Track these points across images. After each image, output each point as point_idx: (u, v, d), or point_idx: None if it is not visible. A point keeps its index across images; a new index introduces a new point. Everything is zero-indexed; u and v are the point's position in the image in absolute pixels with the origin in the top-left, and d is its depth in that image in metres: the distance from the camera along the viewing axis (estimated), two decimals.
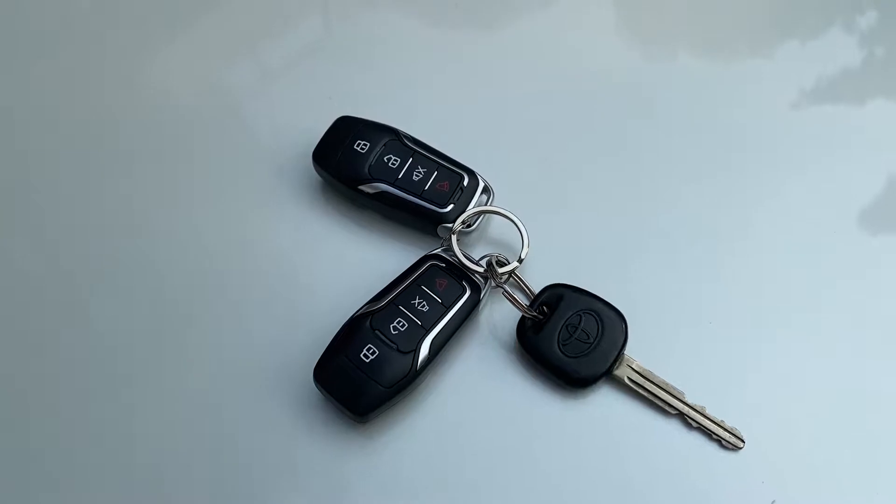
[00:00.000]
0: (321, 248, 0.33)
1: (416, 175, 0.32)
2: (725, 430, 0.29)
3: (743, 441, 0.29)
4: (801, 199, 0.34)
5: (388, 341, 0.29)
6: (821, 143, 0.35)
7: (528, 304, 0.30)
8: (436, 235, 0.32)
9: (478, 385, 0.30)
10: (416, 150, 0.32)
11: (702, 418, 0.29)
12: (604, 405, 0.30)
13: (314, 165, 0.33)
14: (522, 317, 0.30)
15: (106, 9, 0.38)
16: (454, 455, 0.29)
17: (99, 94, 0.36)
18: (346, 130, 0.33)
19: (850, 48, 0.38)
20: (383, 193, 0.32)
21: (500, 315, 0.31)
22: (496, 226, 0.33)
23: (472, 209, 0.31)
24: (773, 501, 0.28)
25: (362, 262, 0.32)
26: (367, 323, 0.29)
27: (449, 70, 0.37)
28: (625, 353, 0.29)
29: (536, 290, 0.30)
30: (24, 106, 0.36)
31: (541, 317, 0.30)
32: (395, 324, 0.29)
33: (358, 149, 0.32)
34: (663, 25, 0.38)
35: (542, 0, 0.39)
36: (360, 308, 0.29)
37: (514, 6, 0.39)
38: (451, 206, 0.31)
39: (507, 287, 0.30)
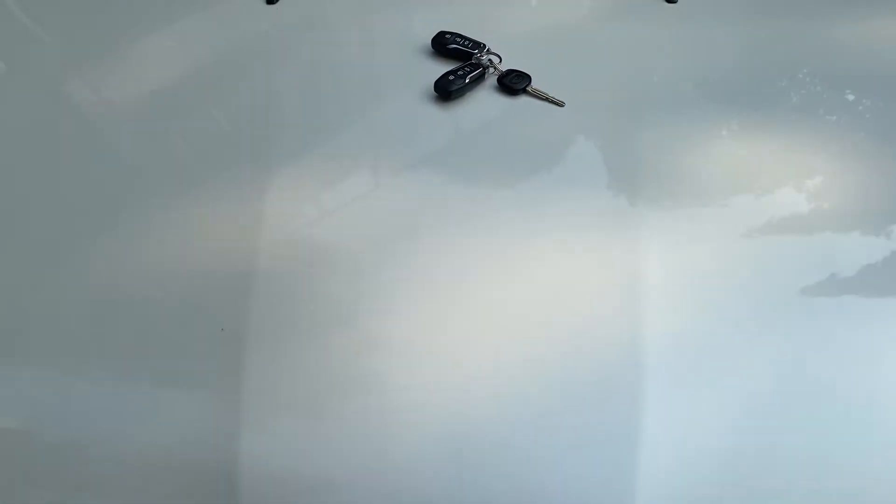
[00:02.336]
0: (434, 68, 0.98)
1: (465, 43, 0.99)
2: (558, 99, 0.93)
3: (564, 103, 0.93)
4: None
5: (456, 77, 0.94)
6: None
7: (502, 72, 0.96)
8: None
9: (483, 97, 0.95)
10: (465, 37, 0.99)
11: (555, 97, 0.93)
12: (524, 99, 0.94)
13: (431, 44, 1.00)
14: (500, 75, 0.95)
15: None
16: (474, 119, 0.93)
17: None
18: (442, 33, 1.00)
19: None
20: (455, 48, 0.99)
21: (489, 83, 0.96)
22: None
23: (484, 53, 0.98)
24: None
25: (447, 68, 0.98)
26: (450, 73, 0.94)
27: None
28: (531, 83, 0.94)
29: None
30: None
31: (505, 75, 0.95)
32: (458, 73, 0.94)
33: (447, 36, 1.00)
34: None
35: None
36: (448, 71, 0.95)
37: None
38: (477, 51, 0.98)
39: (494, 67, 0.96)
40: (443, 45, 0.99)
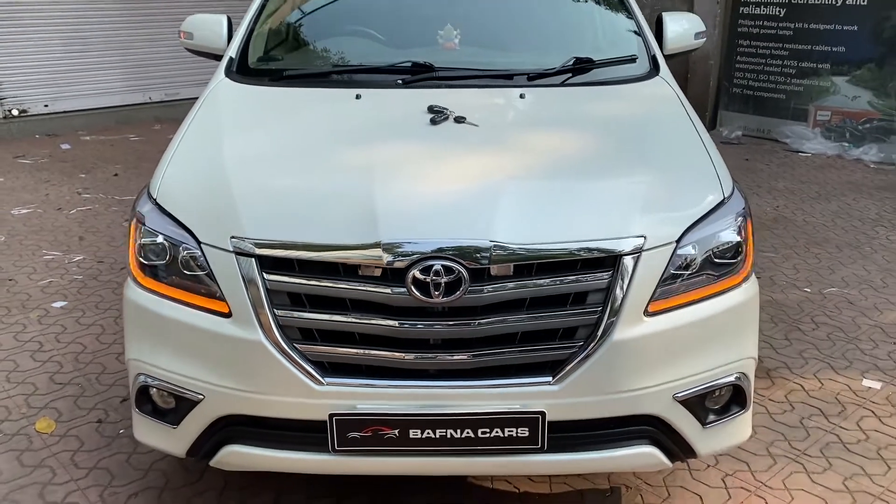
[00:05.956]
0: (426, 117, 2.48)
1: (439, 108, 2.50)
2: (475, 123, 2.42)
3: (479, 125, 2.42)
4: None
5: (436, 117, 2.44)
6: None
7: (456, 116, 2.46)
8: None
9: (447, 126, 2.44)
10: (441, 106, 2.51)
11: (474, 123, 2.42)
12: (464, 125, 2.42)
13: (427, 109, 2.50)
14: (454, 117, 2.46)
15: None
16: (443, 132, 2.42)
17: None
18: (430, 106, 2.52)
19: None
20: (437, 109, 2.50)
21: (450, 120, 2.46)
22: None
23: (447, 111, 2.49)
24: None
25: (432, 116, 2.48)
26: (434, 117, 2.44)
27: None
28: (466, 119, 2.44)
29: None
30: None
31: (457, 117, 2.46)
32: (437, 117, 2.44)
33: (431, 106, 2.51)
34: None
35: None
36: (431, 116, 2.45)
37: None
38: (444, 110, 2.49)
39: (451, 115, 2.47)
40: (431, 108, 2.49)
